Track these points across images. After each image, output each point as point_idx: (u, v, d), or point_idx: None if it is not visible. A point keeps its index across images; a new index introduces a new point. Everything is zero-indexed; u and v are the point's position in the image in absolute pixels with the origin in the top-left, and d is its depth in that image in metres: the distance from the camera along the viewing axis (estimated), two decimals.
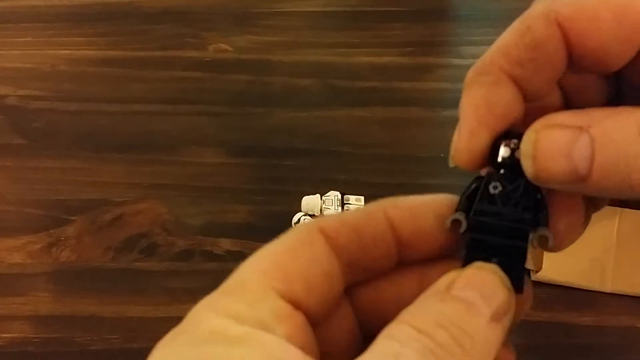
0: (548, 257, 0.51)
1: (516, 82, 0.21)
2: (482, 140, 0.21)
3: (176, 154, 0.62)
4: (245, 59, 0.71)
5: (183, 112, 0.66)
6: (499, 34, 0.21)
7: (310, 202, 0.56)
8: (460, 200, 0.22)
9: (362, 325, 0.23)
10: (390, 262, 0.22)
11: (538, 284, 0.52)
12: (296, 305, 0.20)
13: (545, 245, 0.21)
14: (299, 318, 0.20)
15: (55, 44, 0.72)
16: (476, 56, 0.21)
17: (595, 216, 0.54)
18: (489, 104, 0.21)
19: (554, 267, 0.51)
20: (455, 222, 0.22)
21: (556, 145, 0.19)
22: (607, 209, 0.51)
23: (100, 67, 0.70)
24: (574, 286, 0.52)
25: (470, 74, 0.21)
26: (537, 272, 0.52)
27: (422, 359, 0.18)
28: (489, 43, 0.21)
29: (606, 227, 0.51)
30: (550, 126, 0.19)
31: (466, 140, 0.21)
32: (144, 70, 0.70)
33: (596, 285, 0.52)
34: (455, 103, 0.21)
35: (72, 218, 0.58)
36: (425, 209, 0.22)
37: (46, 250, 0.56)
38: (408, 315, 0.19)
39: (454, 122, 0.21)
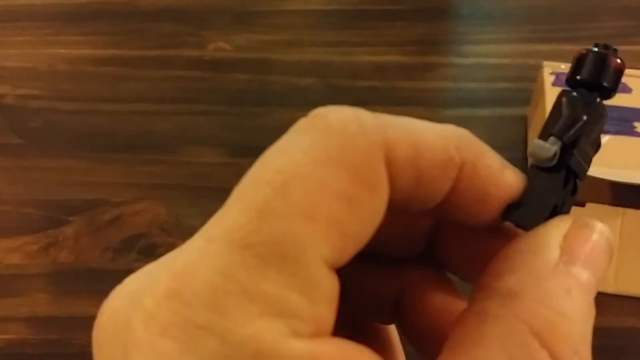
0: None
1: None
2: None
3: (175, 154, 0.62)
4: (244, 57, 0.70)
5: (182, 111, 0.66)
6: (500, 32, 0.20)
7: None
8: (561, 126, 0.17)
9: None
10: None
11: None
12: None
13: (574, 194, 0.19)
14: (338, 292, 0.14)
15: (53, 43, 0.72)
16: (477, 55, 0.21)
17: (597, 216, 0.54)
18: None
19: None
20: (553, 157, 0.17)
21: None
22: (610, 209, 0.51)
23: (98, 66, 0.70)
24: None
25: None
26: None
27: None
28: (490, 42, 0.20)
29: (609, 227, 0.51)
30: None
31: None
32: (142, 69, 0.69)
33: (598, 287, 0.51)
34: (456, 102, 0.21)
35: (70, 218, 0.57)
36: (500, 189, 0.17)
37: (44, 251, 0.55)
38: (527, 315, 0.15)
39: (455, 121, 0.21)
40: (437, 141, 0.16)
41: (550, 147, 0.17)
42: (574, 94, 0.18)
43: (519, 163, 0.59)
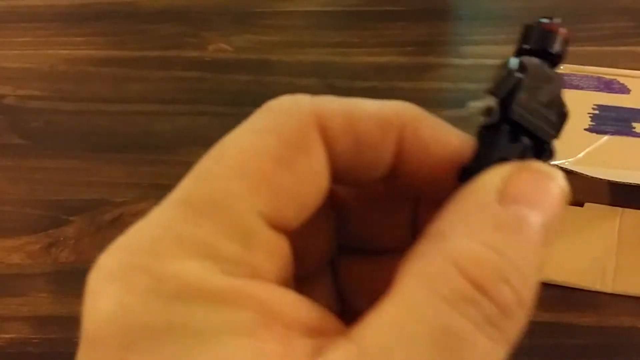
0: (548, 257, 0.51)
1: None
2: None
3: (176, 154, 0.62)
4: (245, 58, 0.71)
5: (183, 112, 0.66)
6: (499, 33, 0.21)
7: None
8: (495, 84, 0.18)
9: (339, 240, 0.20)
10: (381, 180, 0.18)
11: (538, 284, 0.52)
12: (284, 233, 0.16)
13: (549, 158, 0.19)
14: (286, 249, 0.16)
15: (54, 44, 0.72)
16: (477, 56, 0.21)
17: (596, 216, 0.54)
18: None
19: (555, 267, 0.51)
20: (488, 113, 0.18)
21: None
22: (609, 210, 0.51)
23: (99, 66, 0.70)
24: (575, 286, 0.52)
25: None
26: None
27: (478, 333, 0.14)
28: (490, 42, 0.21)
29: (607, 227, 0.51)
30: None
31: None
32: (143, 70, 0.70)
33: (597, 286, 0.51)
34: (456, 103, 0.21)
35: (72, 218, 0.57)
36: (445, 149, 0.17)
37: (45, 251, 0.55)
38: (455, 249, 0.14)
39: (454, 122, 0.21)
40: (374, 108, 0.17)
41: (481, 103, 0.18)
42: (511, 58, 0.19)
43: None
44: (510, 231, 0.15)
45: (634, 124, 0.54)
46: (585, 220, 0.51)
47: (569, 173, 0.49)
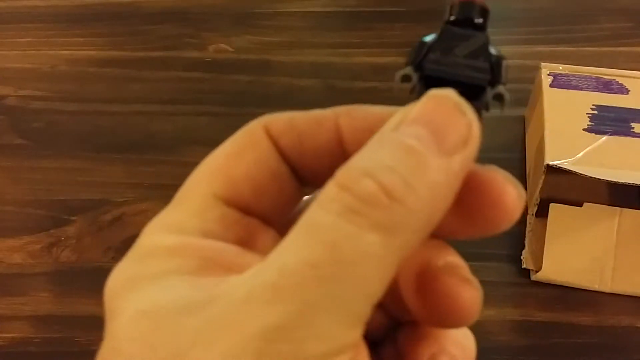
0: (548, 257, 0.51)
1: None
2: None
3: (176, 154, 0.62)
4: (245, 59, 0.71)
5: (183, 112, 0.66)
6: (498, 34, 0.21)
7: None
8: (410, 53, 0.19)
9: None
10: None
11: (537, 283, 0.52)
12: (246, 210, 0.20)
13: (501, 103, 0.19)
14: (252, 223, 0.20)
15: (55, 44, 0.72)
16: None
17: (595, 216, 0.54)
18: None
19: (554, 267, 0.51)
20: (406, 79, 0.19)
21: None
22: (607, 209, 0.51)
23: (100, 67, 0.70)
24: (574, 286, 0.52)
25: None
26: (536, 272, 0.52)
27: (341, 221, 0.16)
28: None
29: (606, 227, 0.51)
30: None
31: None
32: (144, 70, 0.70)
33: (596, 285, 0.52)
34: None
35: (73, 218, 0.58)
36: (380, 122, 0.18)
37: (46, 251, 0.56)
38: (340, 170, 0.16)
39: None
40: (311, 111, 0.20)
41: (399, 72, 0.19)
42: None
43: (518, 163, 0.59)
44: (383, 142, 0.17)
45: (633, 124, 0.54)
46: (584, 220, 0.52)
47: (568, 173, 0.49)
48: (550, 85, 0.58)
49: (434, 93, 0.17)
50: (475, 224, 0.18)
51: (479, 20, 0.20)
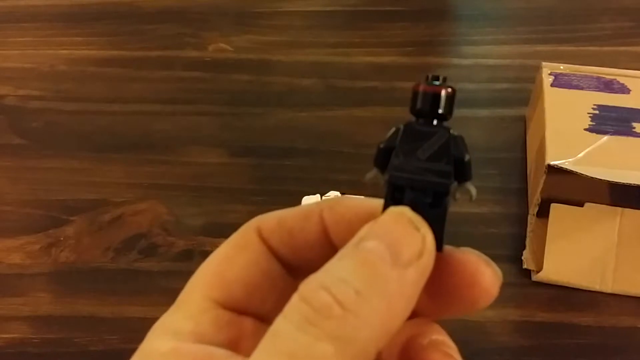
0: (549, 258, 0.51)
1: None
2: None
3: (176, 154, 0.62)
4: (245, 58, 0.71)
5: (183, 112, 0.66)
6: (499, 33, 0.21)
7: (310, 202, 0.56)
8: (375, 156, 0.20)
9: None
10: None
11: (538, 284, 0.52)
12: (240, 311, 0.21)
13: (468, 197, 0.20)
14: (245, 322, 0.21)
15: (54, 44, 0.72)
16: (476, 56, 0.21)
17: (596, 216, 0.54)
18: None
19: (555, 267, 0.51)
20: (374, 180, 0.20)
21: None
22: (609, 210, 0.51)
23: (99, 67, 0.70)
24: (575, 286, 0.52)
25: None
26: (537, 272, 0.52)
27: (298, 332, 0.17)
28: (490, 43, 0.21)
29: (607, 227, 0.51)
30: None
31: None
32: (143, 70, 0.70)
33: (597, 286, 0.51)
34: (456, 103, 0.21)
35: (72, 218, 0.57)
36: (360, 214, 0.21)
37: (45, 251, 0.55)
38: (302, 282, 0.18)
39: (454, 122, 0.21)
40: (300, 207, 0.22)
41: (370, 174, 0.21)
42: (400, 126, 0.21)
43: (518, 163, 0.59)
44: (343, 256, 0.18)
45: (634, 124, 0.54)
46: (585, 220, 0.51)
47: (569, 173, 0.49)
48: (552, 85, 0.57)
49: (392, 210, 0.19)
50: (453, 304, 0.20)
51: (442, 111, 0.20)
